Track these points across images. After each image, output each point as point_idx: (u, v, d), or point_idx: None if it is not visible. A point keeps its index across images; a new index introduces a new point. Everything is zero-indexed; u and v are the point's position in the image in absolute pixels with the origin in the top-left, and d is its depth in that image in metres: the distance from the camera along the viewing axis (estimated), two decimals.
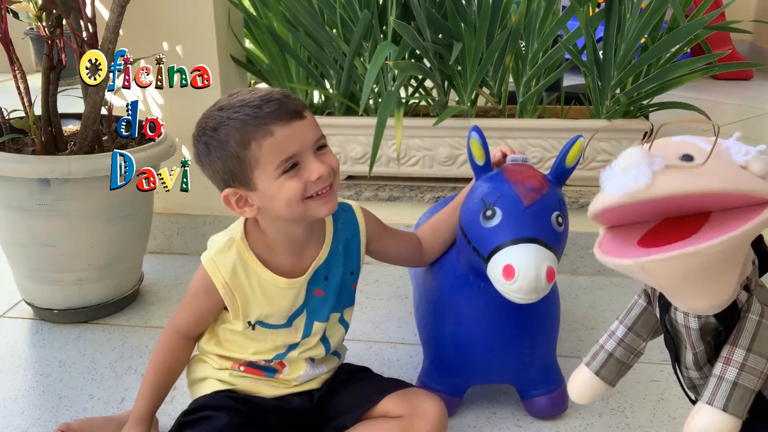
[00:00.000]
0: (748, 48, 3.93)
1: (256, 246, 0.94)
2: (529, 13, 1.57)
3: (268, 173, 0.85)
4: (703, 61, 1.53)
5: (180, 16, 1.55)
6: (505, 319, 1.02)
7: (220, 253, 0.93)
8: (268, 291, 0.94)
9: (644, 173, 0.61)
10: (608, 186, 0.63)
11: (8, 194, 1.28)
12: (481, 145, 0.99)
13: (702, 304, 0.70)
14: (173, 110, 1.63)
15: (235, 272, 0.92)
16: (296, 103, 0.86)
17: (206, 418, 0.92)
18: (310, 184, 0.86)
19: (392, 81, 1.61)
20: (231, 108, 0.85)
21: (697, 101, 1.72)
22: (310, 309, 0.97)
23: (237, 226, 0.95)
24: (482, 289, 0.99)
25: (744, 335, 0.71)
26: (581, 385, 0.87)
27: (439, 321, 1.07)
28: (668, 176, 0.62)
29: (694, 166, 0.63)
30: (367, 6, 1.53)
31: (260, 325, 0.96)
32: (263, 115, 0.83)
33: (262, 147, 0.83)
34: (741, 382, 0.70)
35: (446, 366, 1.09)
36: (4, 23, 1.28)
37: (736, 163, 0.65)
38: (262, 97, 0.85)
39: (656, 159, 0.62)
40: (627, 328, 0.84)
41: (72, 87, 1.52)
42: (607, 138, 1.61)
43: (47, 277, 1.35)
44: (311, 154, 0.86)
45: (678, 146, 0.66)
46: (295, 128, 0.85)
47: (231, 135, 0.84)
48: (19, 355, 1.29)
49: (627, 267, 0.65)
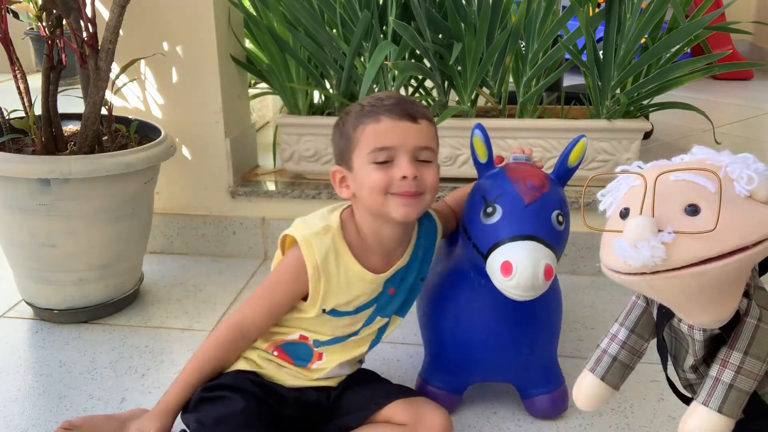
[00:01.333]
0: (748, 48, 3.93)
1: (349, 238, 0.97)
2: (529, 13, 1.57)
3: (362, 156, 0.91)
4: (704, 61, 1.53)
5: (180, 16, 1.55)
6: (505, 317, 1.02)
7: (317, 235, 0.95)
8: (352, 282, 0.97)
9: (657, 249, 0.61)
10: (622, 255, 0.63)
11: (8, 194, 1.28)
12: (483, 142, 1.00)
13: (708, 319, 0.70)
14: (173, 110, 1.63)
15: (327, 258, 0.95)
16: (414, 108, 0.93)
17: (224, 398, 0.94)
18: (394, 181, 0.90)
19: (392, 81, 1.61)
20: (367, 100, 0.94)
21: (697, 101, 1.72)
22: (380, 304, 1.01)
23: (334, 215, 0.99)
24: (483, 286, 1.00)
25: (742, 338, 0.71)
26: (588, 392, 0.86)
27: (439, 318, 1.08)
28: (682, 247, 0.61)
29: (705, 230, 0.61)
30: (367, 6, 1.53)
31: (330, 313, 0.98)
32: (380, 105, 0.92)
33: (365, 130, 0.91)
34: (737, 385, 0.71)
35: (447, 363, 1.09)
36: (4, 23, 1.28)
37: (741, 196, 0.64)
38: (391, 95, 0.94)
39: (665, 230, 0.61)
40: (629, 330, 0.84)
41: (72, 87, 1.52)
42: (607, 138, 1.61)
43: (47, 277, 1.35)
44: (408, 156, 0.91)
45: (679, 192, 0.65)
46: (401, 126, 0.91)
47: (351, 116, 0.94)
48: (19, 355, 1.29)
49: (634, 283, 0.65)
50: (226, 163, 1.65)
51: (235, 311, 0.99)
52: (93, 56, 1.30)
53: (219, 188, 1.68)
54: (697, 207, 0.63)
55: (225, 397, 0.94)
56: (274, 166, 1.80)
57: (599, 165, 1.62)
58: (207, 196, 1.69)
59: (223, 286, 1.57)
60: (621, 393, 1.16)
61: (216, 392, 0.95)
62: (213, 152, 1.65)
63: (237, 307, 1.01)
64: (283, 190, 1.66)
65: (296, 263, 0.95)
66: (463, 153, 1.64)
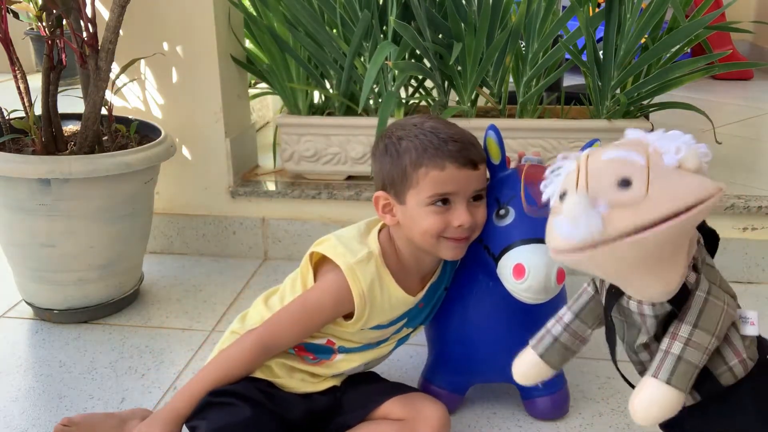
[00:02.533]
0: (749, 48, 3.93)
1: (390, 263, 0.97)
2: (529, 13, 1.57)
3: (420, 198, 0.91)
4: (704, 61, 1.53)
5: (180, 16, 1.55)
6: (511, 319, 1.02)
7: (361, 263, 0.95)
8: (394, 306, 0.98)
9: (594, 221, 0.63)
10: (561, 233, 0.65)
11: (8, 194, 1.28)
12: (497, 143, 1.00)
13: (653, 291, 0.72)
14: (173, 110, 1.63)
15: (373, 287, 0.95)
16: (476, 153, 0.93)
17: (232, 405, 0.93)
18: (450, 228, 0.91)
19: (392, 81, 1.61)
20: (422, 130, 0.92)
21: (697, 101, 1.72)
22: (410, 317, 1.02)
23: (372, 239, 0.98)
24: (491, 287, 1.00)
25: (691, 312, 0.72)
26: (526, 367, 0.88)
27: (446, 318, 1.08)
28: (617, 218, 0.63)
29: (637, 198, 0.63)
30: (367, 6, 1.53)
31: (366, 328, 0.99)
32: (445, 150, 0.90)
33: (428, 175, 0.90)
34: (685, 357, 0.71)
35: (450, 363, 1.09)
36: (4, 23, 1.28)
37: (670, 166, 0.66)
38: (452, 135, 0.92)
39: (599, 202, 0.64)
40: (574, 315, 0.85)
41: (72, 87, 1.52)
42: (608, 138, 1.59)
43: (47, 277, 1.35)
44: (465, 201, 0.92)
45: (611, 169, 0.67)
46: (463, 174, 0.91)
47: (409, 151, 0.91)
48: (19, 355, 1.29)
49: (577, 262, 0.67)
50: (226, 163, 1.65)
51: (266, 327, 0.96)
52: (93, 56, 1.30)
53: (219, 188, 1.68)
54: (628, 179, 0.64)
55: (232, 404, 0.93)
56: (274, 166, 1.80)
57: None
58: (207, 196, 1.69)
59: (223, 286, 1.57)
60: (621, 393, 1.16)
61: (224, 398, 0.94)
62: (213, 152, 1.65)
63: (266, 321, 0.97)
64: (283, 190, 1.66)
65: (339, 291, 0.94)
66: None
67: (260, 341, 0.95)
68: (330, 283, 0.95)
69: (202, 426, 0.92)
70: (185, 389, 0.95)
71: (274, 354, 0.98)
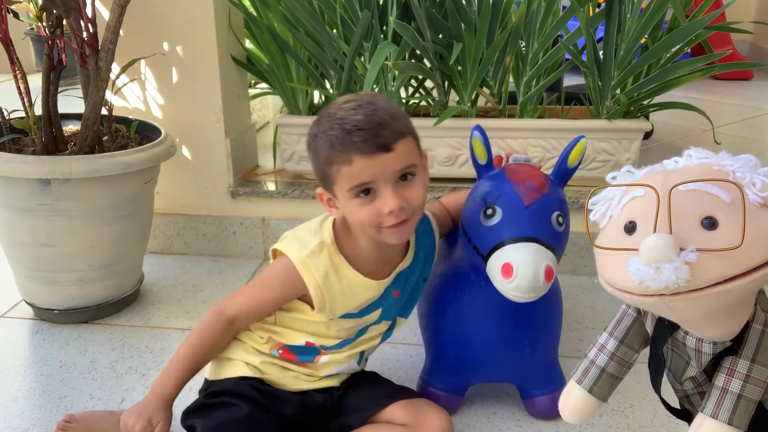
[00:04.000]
0: (749, 48, 3.93)
1: (345, 249, 0.96)
2: (530, 13, 1.57)
3: (343, 192, 0.89)
4: (704, 61, 1.53)
5: (180, 16, 1.55)
6: (505, 318, 1.02)
7: (313, 256, 0.94)
8: (356, 292, 0.97)
9: (682, 270, 0.56)
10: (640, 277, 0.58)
11: (8, 194, 1.28)
12: (483, 143, 1.00)
13: (720, 332, 0.68)
14: (173, 110, 1.63)
15: (328, 278, 0.94)
16: (386, 135, 0.86)
17: (227, 405, 0.93)
18: (383, 216, 0.88)
19: (392, 81, 1.61)
20: (331, 121, 0.88)
21: (697, 101, 1.72)
22: (386, 308, 1.01)
23: (326, 228, 0.97)
24: (483, 287, 1.00)
25: (748, 346, 0.68)
26: (575, 405, 0.83)
27: (440, 319, 1.08)
28: (708, 267, 0.57)
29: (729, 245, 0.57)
30: (367, 6, 1.53)
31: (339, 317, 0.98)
32: (349, 143, 0.85)
33: (340, 171, 0.87)
34: (746, 394, 0.68)
35: (448, 364, 1.09)
36: (4, 23, 1.28)
37: (755, 204, 0.60)
38: (357, 124, 0.86)
39: (687, 249, 0.57)
40: (618, 341, 0.80)
41: (72, 87, 1.52)
42: (608, 138, 1.60)
43: (47, 277, 1.35)
44: (390, 185, 0.87)
45: (692, 203, 0.60)
46: (375, 161, 0.86)
47: (321, 149, 0.89)
48: (19, 355, 1.29)
49: (649, 305, 0.61)
50: (226, 163, 1.65)
51: (226, 299, 0.99)
52: (93, 56, 1.30)
53: (219, 188, 1.68)
54: (714, 220, 0.58)
55: (228, 403, 0.94)
56: (274, 166, 1.80)
57: (599, 165, 1.62)
58: (207, 196, 1.69)
59: (223, 286, 1.57)
60: (621, 393, 1.16)
61: (219, 398, 0.95)
62: (213, 152, 1.65)
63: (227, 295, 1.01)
64: (283, 190, 1.66)
65: (286, 273, 0.95)
66: (464, 153, 1.64)
67: (221, 311, 0.97)
68: (281, 265, 0.96)
69: (199, 425, 0.92)
70: (164, 372, 0.96)
71: (240, 327, 0.99)
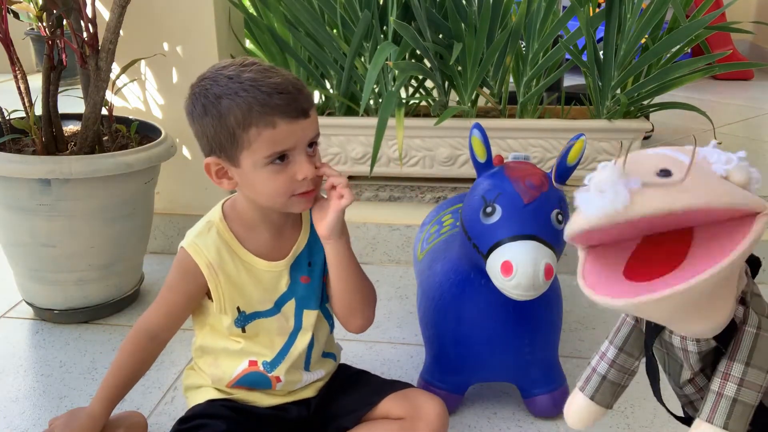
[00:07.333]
0: (749, 48, 3.93)
1: (235, 227, 0.94)
2: (530, 13, 1.57)
3: (256, 159, 0.85)
4: (704, 61, 1.53)
5: (180, 16, 1.55)
6: (506, 317, 1.02)
7: (200, 235, 0.93)
8: (252, 273, 0.94)
9: (621, 193, 0.58)
10: (585, 208, 0.60)
11: (8, 194, 1.28)
12: (482, 142, 1.00)
13: (700, 328, 0.68)
14: (173, 110, 1.63)
15: (220, 253, 0.92)
16: (305, 100, 0.85)
17: (203, 426, 0.91)
18: (296, 183, 0.86)
19: (393, 81, 1.61)
20: (240, 83, 0.83)
21: (697, 101, 1.72)
22: (299, 297, 0.97)
23: (215, 209, 0.96)
24: (483, 286, 1.00)
25: (742, 348, 0.69)
26: (579, 412, 0.84)
27: (440, 318, 1.08)
28: (647, 195, 0.58)
29: (673, 182, 0.59)
30: (367, 6, 1.53)
31: (250, 318, 0.95)
32: (272, 105, 0.82)
33: (261, 135, 0.83)
34: (741, 398, 0.68)
35: (448, 363, 1.09)
36: (4, 23, 1.28)
37: (716, 173, 0.62)
38: (275, 86, 0.83)
39: (632, 178, 0.58)
40: (618, 349, 0.82)
41: (72, 87, 1.52)
42: (608, 138, 1.61)
43: (47, 278, 1.35)
44: (303, 151, 0.86)
45: (654, 160, 0.62)
46: (297, 126, 0.84)
47: (233, 111, 0.83)
48: (19, 355, 1.29)
49: (618, 307, 0.63)
50: None
51: (141, 315, 0.97)
52: (93, 56, 1.30)
53: (219, 188, 1.67)
54: (669, 171, 0.60)
55: (204, 424, 0.92)
56: None
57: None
58: (207, 196, 1.69)
59: None
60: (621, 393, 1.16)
61: (193, 422, 0.93)
62: None
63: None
64: None
65: (181, 261, 0.93)
66: (464, 153, 1.64)
67: (138, 327, 0.95)
68: (177, 258, 0.94)
69: None
70: (97, 394, 0.95)
71: (163, 339, 0.96)
